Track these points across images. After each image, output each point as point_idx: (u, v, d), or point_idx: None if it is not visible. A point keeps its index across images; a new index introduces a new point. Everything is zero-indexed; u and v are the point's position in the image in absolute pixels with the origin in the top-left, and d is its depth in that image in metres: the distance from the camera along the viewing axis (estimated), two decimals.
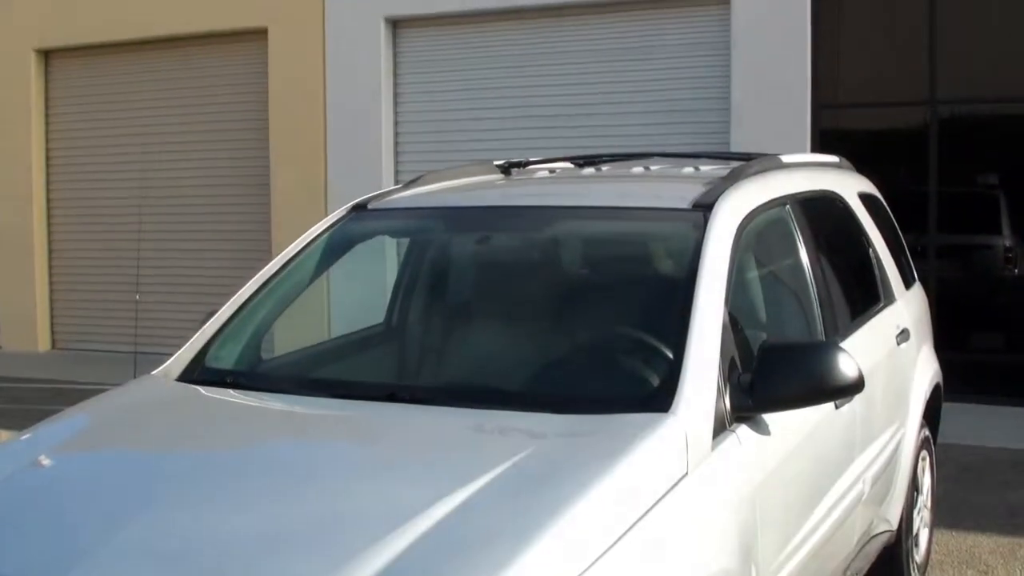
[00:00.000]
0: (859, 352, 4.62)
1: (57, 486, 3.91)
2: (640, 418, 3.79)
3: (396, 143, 13.99)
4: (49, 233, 16.51)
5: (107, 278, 15.77)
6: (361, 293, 6.24)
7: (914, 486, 6.30)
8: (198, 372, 4.77)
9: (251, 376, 4.81)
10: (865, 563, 5.57)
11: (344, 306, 6.34)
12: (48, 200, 16.50)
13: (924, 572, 6.59)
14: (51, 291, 16.52)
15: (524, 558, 3.02)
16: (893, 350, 5.97)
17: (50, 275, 16.52)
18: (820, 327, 5.10)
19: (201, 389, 4.62)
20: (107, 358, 14.80)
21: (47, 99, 16.48)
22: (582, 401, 4.04)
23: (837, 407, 4.83)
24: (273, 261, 5.30)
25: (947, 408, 7.17)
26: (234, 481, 3.68)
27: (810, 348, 4.29)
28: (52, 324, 16.53)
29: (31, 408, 11.18)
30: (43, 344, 16.39)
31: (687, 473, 3.69)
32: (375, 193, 5.58)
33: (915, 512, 6.39)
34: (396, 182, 13.10)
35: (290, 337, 5.42)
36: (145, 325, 11.69)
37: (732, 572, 3.72)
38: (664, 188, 5.43)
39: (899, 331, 6.13)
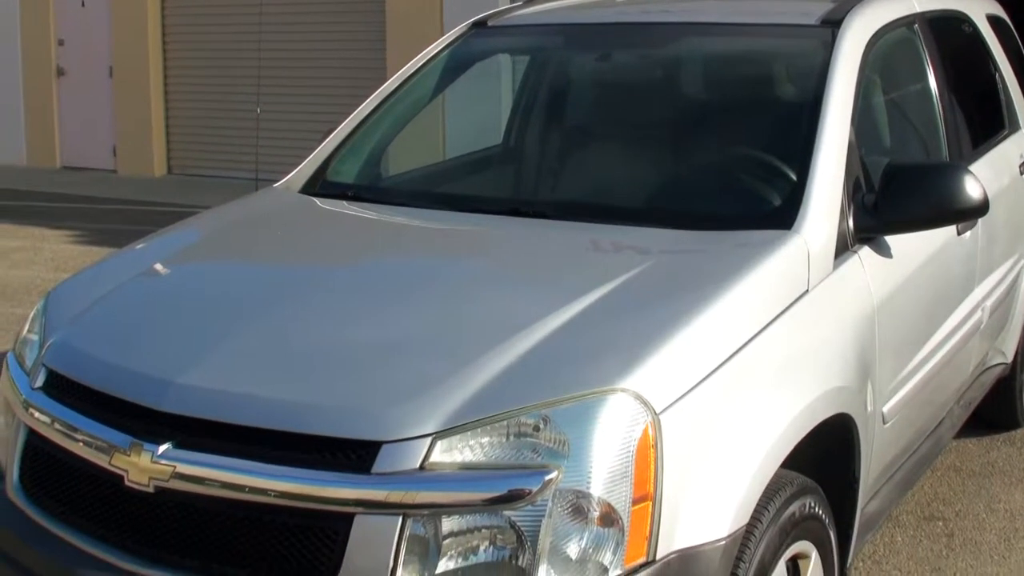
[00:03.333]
0: (982, 178, 4.54)
1: (174, 290, 4.01)
2: (763, 234, 3.77)
3: None
4: (164, 57, 16.58)
5: (223, 104, 15.81)
6: (479, 113, 6.21)
7: None
8: (319, 185, 4.82)
9: (371, 190, 4.86)
10: (979, 394, 5.55)
11: (462, 126, 6.33)
12: (163, 23, 16.54)
13: None
14: (167, 116, 16.64)
15: (642, 367, 3.04)
16: (1016, 179, 5.85)
17: (166, 99, 16.63)
18: (944, 151, 5.02)
19: (323, 201, 4.67)
20: (223, 183, 14.91)
21: None
22: (704, 218, 4.03)
23: (959, 232, 4.77)
24: (392, 78, 5.30)
25: None
26: (354, 288, 3.74)
27: (936, 168, 4.22)
28: (168, 149, 16.70)
29: (149, 230, 11.35)
30: (159, 169, 16.57)
31: (808, 290, 3.68)
32: (495, 10, 5.53)
33: None
34: (510, 1, 12.92)
35: (408, 156, 5.44)
36: (262, 150, 11.74)
37: (849, 390, 3.74)
38: (790, 4, 5.30)
39: (1022, 160, 6.01)
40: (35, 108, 17.40)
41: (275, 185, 4.94)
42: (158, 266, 4.13)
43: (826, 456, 3.77)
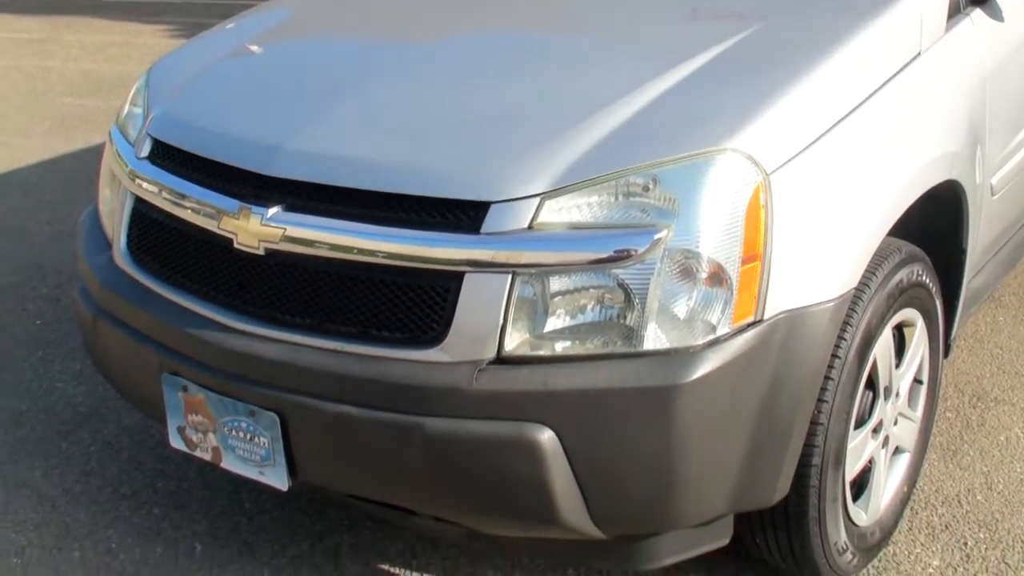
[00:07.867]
0: None
1: (277, 60, 3.99)
2: None
3: None
4: None
5: None
6: None
7: None
8: None
9: None
10: None
11: None
12: None
13: None
14: None
15: (753, 127, 2.99)
16: None
17: None
18: None
19: None
20: None
21: None
22: None
23: None
24: None
25: None
26: (458, 55, 3.70)
27: None
28: None
29: None
30: None
31: (920, 53, 3.58)
32: None
33: None
34: None
35: None
36: None
37: (960, 156, 3.68)
38: None
39: None
40: None
41: None
42: (259, 38, 4.11)
43: (935, 227, 3.73)
